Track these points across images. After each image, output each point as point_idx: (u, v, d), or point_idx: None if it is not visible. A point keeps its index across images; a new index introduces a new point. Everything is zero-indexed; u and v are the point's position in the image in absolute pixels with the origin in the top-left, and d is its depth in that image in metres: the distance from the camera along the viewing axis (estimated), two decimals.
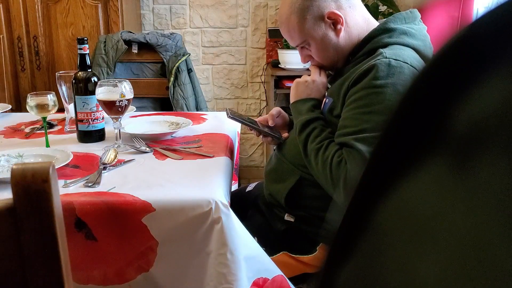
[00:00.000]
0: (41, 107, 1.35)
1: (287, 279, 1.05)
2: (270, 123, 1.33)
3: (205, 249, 0.98)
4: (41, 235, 0.47)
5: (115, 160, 1.19)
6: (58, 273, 0.48)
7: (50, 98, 1.35)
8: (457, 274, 0.16)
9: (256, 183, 1.53)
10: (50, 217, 0.46)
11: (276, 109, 1.38)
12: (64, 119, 1.62)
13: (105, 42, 2.41)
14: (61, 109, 1.49)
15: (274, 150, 1.37)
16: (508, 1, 0.17)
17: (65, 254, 0.49)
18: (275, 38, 2.79)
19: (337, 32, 1.16)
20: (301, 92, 1.23)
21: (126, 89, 1.28)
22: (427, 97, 0.19)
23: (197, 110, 2.54)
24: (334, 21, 1.16)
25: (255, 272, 1.00)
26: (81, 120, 1.38)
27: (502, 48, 0.17)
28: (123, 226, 0.97)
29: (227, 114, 1.29)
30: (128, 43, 2.41)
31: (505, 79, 0.17)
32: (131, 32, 2.48)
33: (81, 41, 1.36)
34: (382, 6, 2.46)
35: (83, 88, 1.36)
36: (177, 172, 1.14)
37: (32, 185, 0.45)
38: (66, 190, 1.02)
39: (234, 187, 1.60)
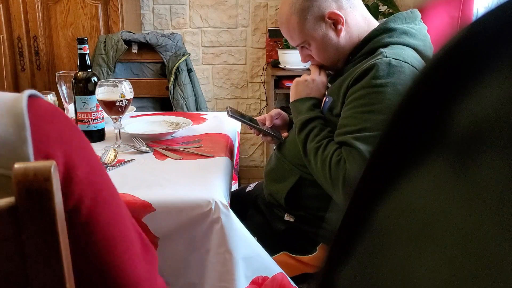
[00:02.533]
0: None
1: (288, 277, 1.05)
2: (268, 124, 1.33)
3: (204, 248, 0.98)
4: (43, 234, 0.47)
5: (115, 160, 1.19)
6: (59, 272, 0.48)
7: (50, 98, 1.35)
8: (457, 274, 0.16)
9: (256, 183, 1.53)
10: (52, 216, 0.46)
11: (275, 111, 1.38)
12: None
13: (105, 42, 2.41)
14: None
15: (274, 150, 1.37)
16: (508, 1, 0.17)
17: (66, 253, 0.49)
18: (275, 38, 2.79)
19: (337, 32, 1.16)
20: (300, 91, 1.23)
21: (126, 89, 1.28)
22: (428, 97, 0.19)
23: (197, 110, 2.54)
24: (335, 21, 1.15)
25: (254, 271, 1.00)
26: (81, 120, 1.38)
27: (502, 48, 0.17)
28: None
29: (228, 113, 1.29)
30: (128, 43, 2.41)
31: (505, 79, 0.17)
32: (131, 32, 2.48)
33: (81, 41, 1.36)
34: (382, 6, 2.46)
35: (83, 88, 1.36)
36: (177, 172, 1.14)
37: (34, 184, 0.45)
38: None
39: (234, 187, 1.60)
